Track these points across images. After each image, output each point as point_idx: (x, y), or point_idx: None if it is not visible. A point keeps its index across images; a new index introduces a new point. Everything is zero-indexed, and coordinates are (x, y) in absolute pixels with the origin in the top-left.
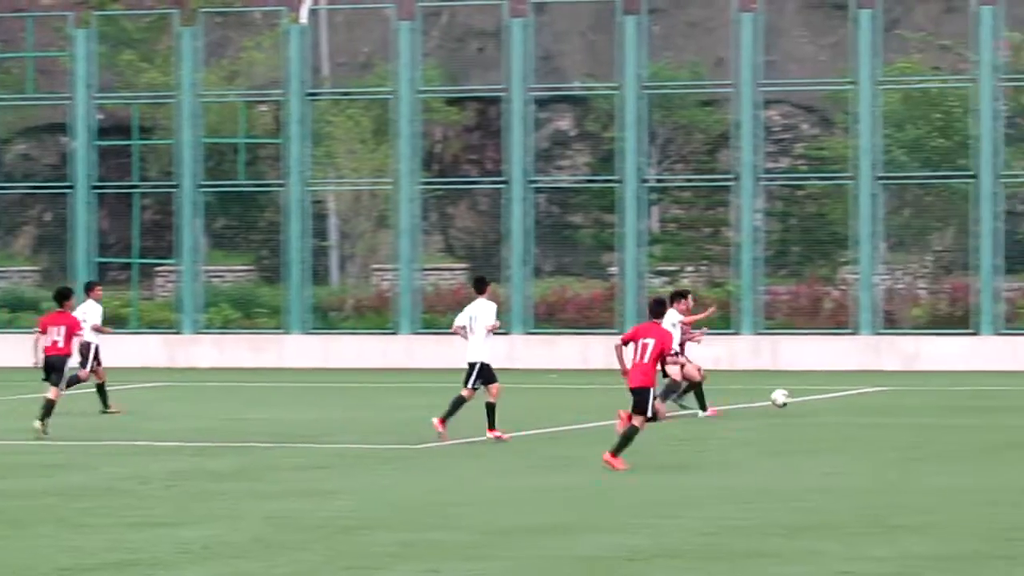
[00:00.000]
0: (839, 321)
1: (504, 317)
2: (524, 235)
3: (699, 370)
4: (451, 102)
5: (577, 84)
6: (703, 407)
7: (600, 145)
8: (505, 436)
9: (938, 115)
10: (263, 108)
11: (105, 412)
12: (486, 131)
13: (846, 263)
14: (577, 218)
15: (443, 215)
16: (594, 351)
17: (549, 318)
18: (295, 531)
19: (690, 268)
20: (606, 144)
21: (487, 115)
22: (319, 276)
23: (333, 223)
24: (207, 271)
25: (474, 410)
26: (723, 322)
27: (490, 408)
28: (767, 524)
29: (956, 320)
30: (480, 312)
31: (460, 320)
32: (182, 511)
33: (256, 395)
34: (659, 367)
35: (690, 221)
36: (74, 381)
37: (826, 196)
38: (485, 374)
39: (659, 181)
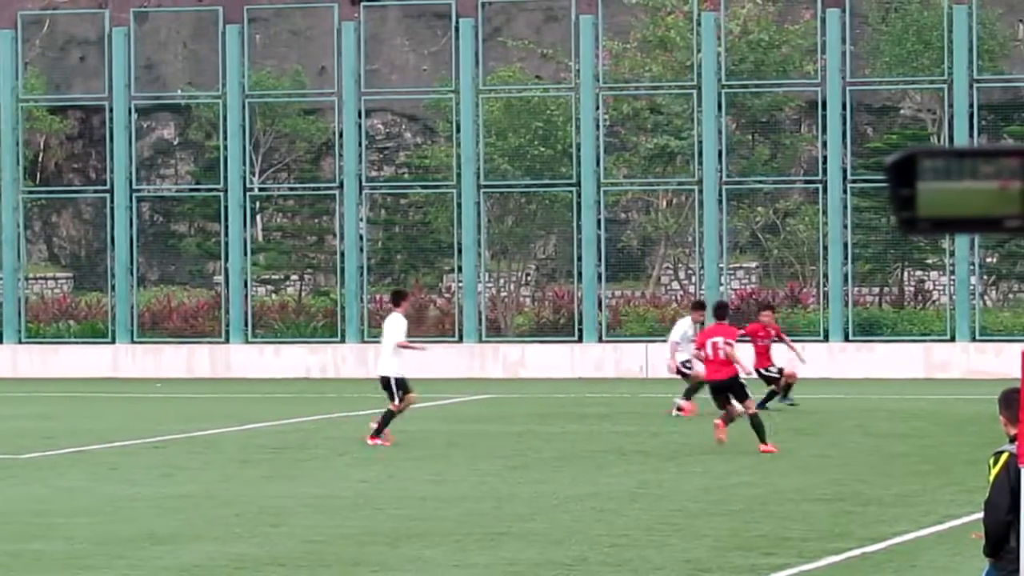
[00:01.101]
0: (444, 329)
1: (109, 326)
2: (128, 244)
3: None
4: (53, 111)
5: (179, 93)
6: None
7: (203, 154)
8: (387, 442)
9: (540, 123)
10: None
11: None
12: (89, 140)
13: (450, 271)
14: (181, 227)
15: (47, 224)
16: (199, 360)
17: (154, 327)
18: None
19: (295, 276)
20: (209, 153)
21: (90, 124)
22: None
23: None
24: None
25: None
26: (329, 330)
27: (388, 415)
28: (372, 531)
29: (559, 327)
30: (389, 326)
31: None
32: None
33: None
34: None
35: (294, 229)
36: None
37: (429, 204)
38: (401, 385)
39: (262, 189)
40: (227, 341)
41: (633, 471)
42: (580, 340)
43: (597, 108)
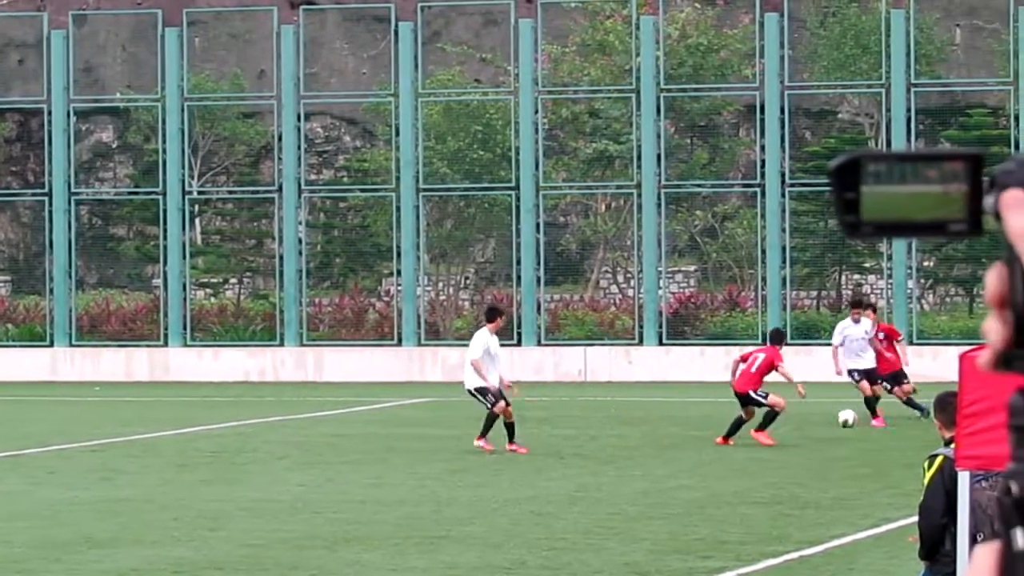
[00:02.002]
0: (383, 332)
1: (47, 330)
2: (67, 247)
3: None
4: None
5: (118, 96)
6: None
7: (142, 157)
8: (489, 446)
9: (479, 127)
10: None
11: None
12: (28, 143)
13: (389, 275)
14: (120, 230)
15: None
16: (138, 363)
17: (92, 330)
18: None
19: (234, 280)
20: (148, 156)
21: (28, 127)
22: None
23: None
24: None
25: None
26: (268, 334)
27: (509, 426)
28: (311, 535)
29: (499, 331)
30: (473, 341)
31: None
32: None
33: None
34: None
35: (233, 233)
36: None
37: (368, 208)
38: (484, 395)
39: (201, 193)
40: (166, 344)
41: (571, 475)
42: (519, 344)
43: (536, 112)
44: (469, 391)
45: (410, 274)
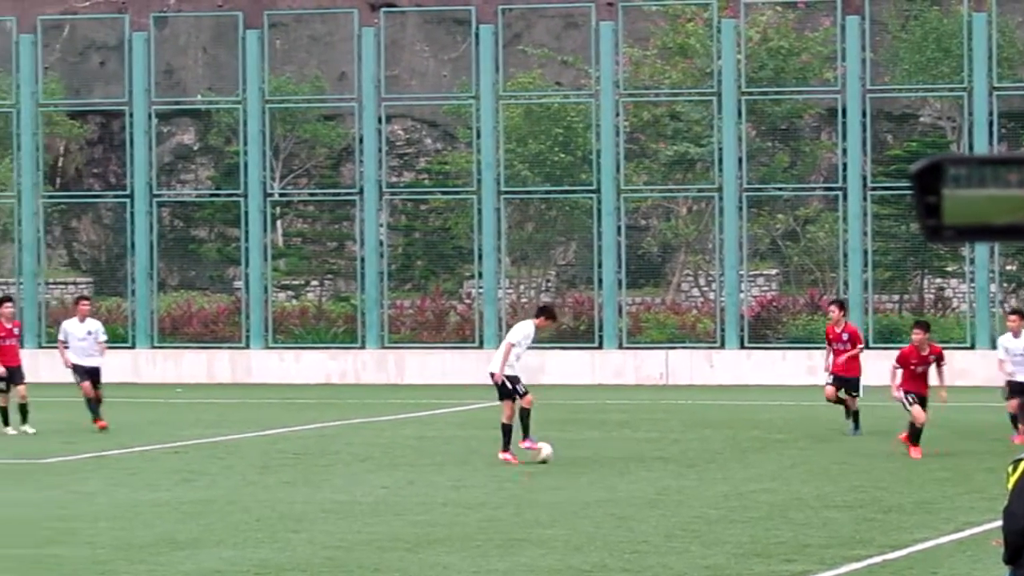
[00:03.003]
0: (464, 335)
1: (129, 331)
2: (148, 249)
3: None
4: (73, 115)
5: (199, 98)
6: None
7: (223, 159)
8: (514, 460)
9: (560, 130)
10: None
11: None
12: (109, 144)
13: (470, 277)
14: (201, 232)
15: (67, 229)
16: (220, 365)
17: (174, 332)
18: None
19: (315, 282)
20: (229, 158)
21: (110, 128)
22: None
23: None
24: None
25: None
26: (349, 336)
27: (524, 415)
28: (393, 537)
29: (580, 334)
30: (515, 329)
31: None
32: None
33: None
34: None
35: (315, 235)
36: None
37: (450, 210)
38: (516, 382)
39: (283, 195)
40: (247, 346)
41: (653, 478)
42: (600, 347)
43: (617, 115)
44: (503, 377)
45: (491, 276)
